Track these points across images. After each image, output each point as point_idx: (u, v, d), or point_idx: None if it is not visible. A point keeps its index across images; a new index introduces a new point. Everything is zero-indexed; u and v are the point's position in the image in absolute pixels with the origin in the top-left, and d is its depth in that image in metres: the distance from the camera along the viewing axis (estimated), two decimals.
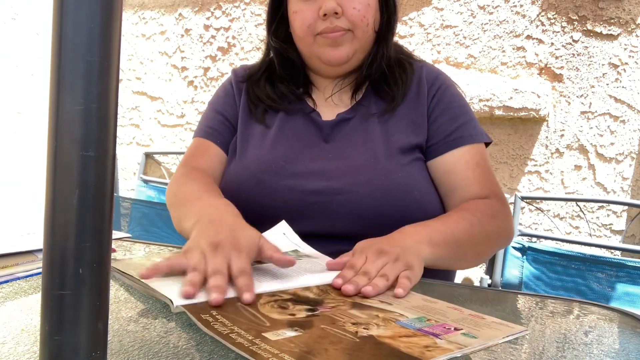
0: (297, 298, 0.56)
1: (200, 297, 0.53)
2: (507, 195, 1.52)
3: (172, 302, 0.51)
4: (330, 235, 0.82)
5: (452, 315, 0.54)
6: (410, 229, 0.73)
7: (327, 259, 0.71)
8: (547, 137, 1.77)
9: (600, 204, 1.71)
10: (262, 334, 0.45)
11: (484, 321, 0.53)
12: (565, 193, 1.76)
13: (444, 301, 0.59)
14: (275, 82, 0.96)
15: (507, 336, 0.49)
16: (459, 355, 0.43)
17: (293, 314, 0.51)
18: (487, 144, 0.92)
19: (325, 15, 0.83)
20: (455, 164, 0.87)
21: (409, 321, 0.51)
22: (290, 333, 0.45)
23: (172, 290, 0.54)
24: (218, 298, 0.51)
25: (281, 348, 0.42)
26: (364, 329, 0.47)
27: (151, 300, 0.56)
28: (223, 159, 0.94)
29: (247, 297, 0.53)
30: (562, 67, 1.74)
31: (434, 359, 0.42)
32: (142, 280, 0.58)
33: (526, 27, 1.78)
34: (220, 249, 0.59)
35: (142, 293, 0.58)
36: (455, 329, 0.49)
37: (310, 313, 0.52)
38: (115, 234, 0.87)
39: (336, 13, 0.83)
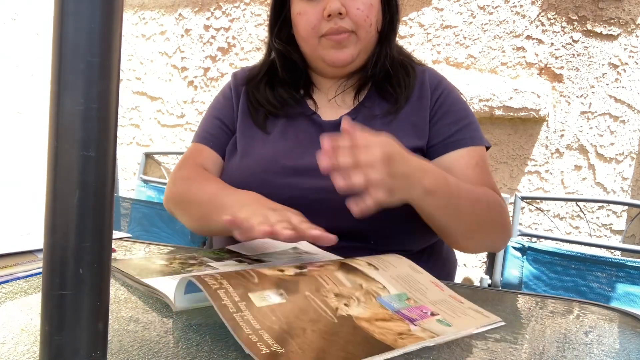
0: None
1: (198, 297, 0.53)
2: (507, 195, 1.51)
3: (173, 302, 0.52)
4: (332, 233, 0.82)
5: (432, 295, 0.55)
6: (433, 175, 0.72)
7: (327, 254, 0.71)
8: (547, 137, 1.77)
9: (600, 204, 1.71)
10: (249, 294, 0.46)
11: (461, 307, 0.54)
12: (565, 193, 1.76)
13: (428, 274, 0.61)
14: (276, 85, 0.96)
15: (481, 327, 0.50)
16: (431, 344, 0.45)
17: (282, 270, 0.52)
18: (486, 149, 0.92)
19: (329, 15, 0.84)
20: (454, 164, 0.87)
21: (390, 299, 0.52)
22: (275, 298, 0.46)
23: (172, 290, 0.54)
24: (288, 233, 0.60)
25: (263, 322, 0.42)
26: (345, 304, 0.49)
27: (151, 300, 0.56)
28: (219, 164, 0.95)
29: (314, 232, 0.62)
30: (562, 67, 1.74)
31: (405, 347, 0.43)
32: (143, 280, 0.58)
33: (526, 27, 1.78)
34: (278, 211, 0.68)
35: (142, 293, 0.58)
36: (432, 314, 0.51)
37: (298, 270, 0.53)
38: (116, 234, 0.87)
39: (340, 13, 0.83)
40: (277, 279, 0.50)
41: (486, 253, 1.79)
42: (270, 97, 0.95)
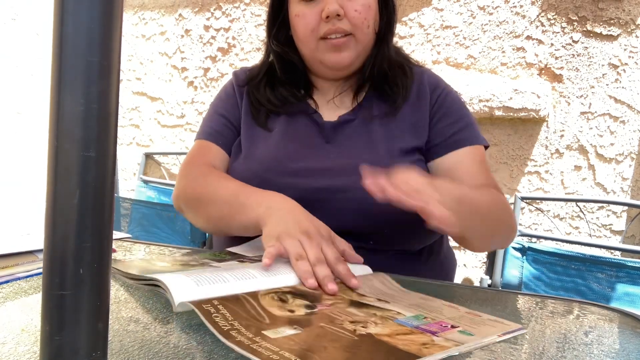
0: (295, 291, 0.57)
1: (202, 294, 0.53)
2: (507, 196, 1.51)
3: (174, 301, 0.52)
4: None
5: (448, 313, 0.54)
6: (444, 184, 0.69)
7: None
8: (547, 137, 1.77)
9: (600, 205, 1.71)
10: (262, 332, 0.45)
11: (480, 319, 0.53)
12: (565, 193, 1.76)
13: (440, 299, 0.59)
14: (276, 85, 0.96)
15: (504, 334, 0.49)
16: (456, 353, 0.44)
17: (292, 310, 0.51)
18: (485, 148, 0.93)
19: (327, 17, 0.84)
20: (458, 162, 0.87)
21: (407, 319, 0.51)
22: (289, 331, 0.46)
23: (176, 289, 0.53)
24: (334, 288, 0.58)
25: (282, 346, 0.42)
26: (362, 327, 0.48)
27: (151, 301, 0.56)
28: (225, 160, 0.94)
29: (354, 282, 0.60)
30: (562, 68, 1.74)
31: (432, 356, 0.42)
32: (145, 275, 0.58)
33: (526, 27, 1.78)
34: (312, 237, 0.66)
35: (142, 293, 0.58)
36: (452, 327, 0.50)
37: (309, 311, 0.52)
38: (116, 234, 0.87)
39: (338, 15, 0.83)
40: (288, 319, 0.49)
41: (486, 253, 1.79)
42: (271, 97, 0.95)
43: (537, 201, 1.78)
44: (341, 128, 0.91)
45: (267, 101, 0.94)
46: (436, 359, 0.42)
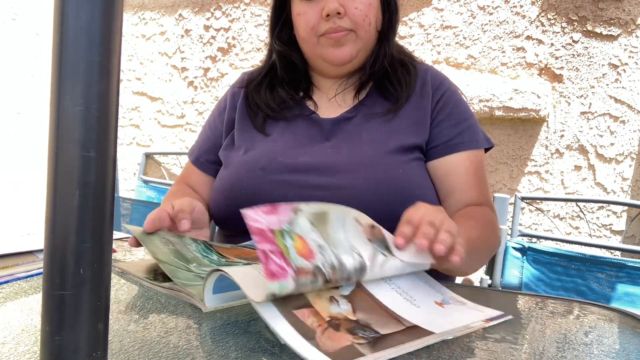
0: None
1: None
2: (507, 196, 1.51)
3: (203, 302, 0.52)
4: None
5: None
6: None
7: None
8: (547, 137, 1.77)
9: (600, 205, 1.71)
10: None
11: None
12: (565, 193, 1.76)
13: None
14: (276, 87, 0.97)
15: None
16: (450, 337, 0.47)
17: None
18: (488, 149, 0.93)
19: (328, 15, 0.84)
20: (454, 168, 0.87)
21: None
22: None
23: (201, 291, 0.53)
24: None
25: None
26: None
27: (151, 301, 0.56)
28: (208, 183, 1.00)
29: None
30: (562, 68, 1.74)
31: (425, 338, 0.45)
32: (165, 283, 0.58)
33: (526, 27, 1.78)
34: None
35: (142, 293, 0.58)
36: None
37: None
38: (116, 234, 0.87)
39: (339, 13, 0.84)
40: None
41: None
42: (270, 101, 0.95)
43: (537, 201, 1.78)
44: (340, 125, 0.91)
45: (265, 105, 0.95)
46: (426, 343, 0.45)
